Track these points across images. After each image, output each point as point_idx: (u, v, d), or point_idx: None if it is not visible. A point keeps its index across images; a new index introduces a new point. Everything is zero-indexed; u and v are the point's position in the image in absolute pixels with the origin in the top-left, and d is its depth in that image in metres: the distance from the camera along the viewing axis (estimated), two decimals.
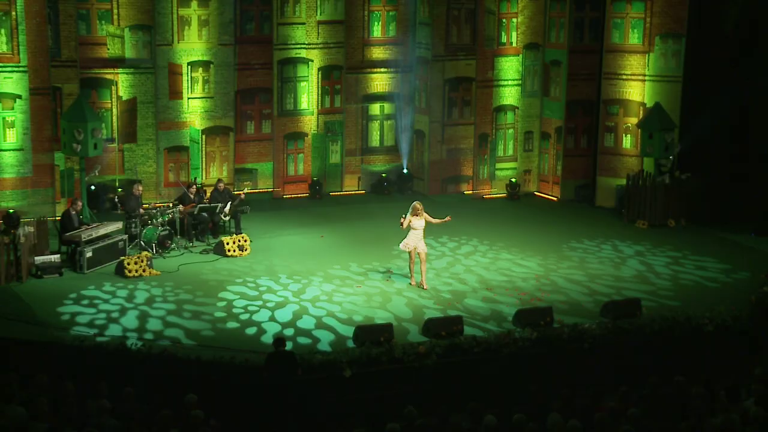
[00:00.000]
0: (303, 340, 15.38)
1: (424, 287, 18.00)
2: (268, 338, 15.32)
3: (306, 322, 16.14)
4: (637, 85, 24.43)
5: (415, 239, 17.97)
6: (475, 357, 15.18)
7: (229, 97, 24.37)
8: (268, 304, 16.97)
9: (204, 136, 24.26)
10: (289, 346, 14.87)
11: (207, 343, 15.10)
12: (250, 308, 16.77)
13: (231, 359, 14.24)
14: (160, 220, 20.21)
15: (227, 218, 21.48)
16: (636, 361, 15.79)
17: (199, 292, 17.56)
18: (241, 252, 20.08)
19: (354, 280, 18.51)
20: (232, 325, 15.99)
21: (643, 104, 24.37)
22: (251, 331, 15.77)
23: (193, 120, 24.06)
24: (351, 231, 22.18)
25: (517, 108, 26.23)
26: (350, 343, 15.20)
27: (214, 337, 15.45)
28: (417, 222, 17.90)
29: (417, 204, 18.04)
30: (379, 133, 26.38)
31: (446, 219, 18.18)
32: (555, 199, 25.96)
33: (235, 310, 16.66)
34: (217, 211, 21.17)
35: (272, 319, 16.29)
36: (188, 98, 23.97)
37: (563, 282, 18.55)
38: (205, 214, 21.05)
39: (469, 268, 19.42)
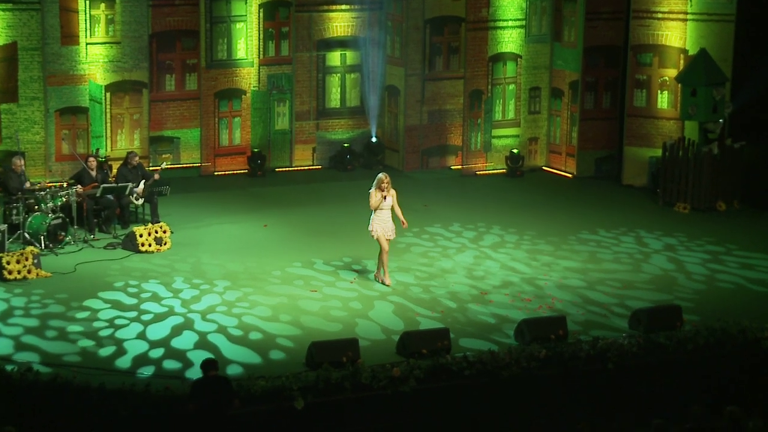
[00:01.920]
0: (170, 363, 15.38)
1: (387, 282, 18.25)
2: (125, 362, 15.35)
3: (184, 341, 16.17)
4: (677, 27, 24.49)
5: (383, 222, 18.11)
6: (466, 382, 15.17)
7: (142, 43, 24.20)
8: (144, 317, 16.98)
9: (109, 95, 24.08)
10: (148, 371, 14.88)
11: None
12: (117, 322, 16.77)
13: (146, 387, 14.18)
14: (50, 204, 20.06)
15: (140, 202, 21.38)
16: (676, 386, 15.84)
17: (74, 302, 17.49)
18: (158, 246, 19.99)
19: (302, 281, 18.55)
20: (84, 343, 15.97)
21: (685, 51, 24.44)
22: (107, 351, 15.75)
23: (93, 73, 23.87)
24: (303, 219, 22.14)
25: (520, 57, 26.25)
26: (234, 369, 15.15)
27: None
28: (385, 201, 18.02)
29: (383, 176, 18.14)
30: (339, 90, 26.31)
31: (403, 222, 18.31)
32: (569, 175, 26.00)
33: (96, 324, 16.64)
34: (127, 192, 21.05)
35: (141, 336, 16.29)
36: (87, 44, 23.77)
37: (551, 288, 18.54)
38: (110, 196, 20.92)
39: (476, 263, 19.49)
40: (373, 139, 26.22)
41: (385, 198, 18.07)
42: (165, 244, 20.10)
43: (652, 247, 20.79)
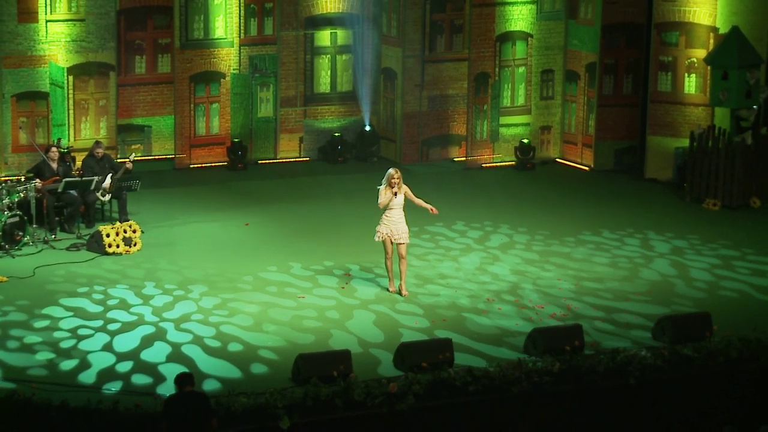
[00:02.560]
0: (139, 378, 15.36)
1: (404, 294, 18.18)
2: (89, 376, 15.33)
3: (155, 353, 16.14)
4: (706, 2, 24.48)
5: (391, 223, 18.00)
6: (471, 398, 15.17)
7: (109, 20, 24.17)
8: (111, 326, 16.95)
9: (71, 78, 24.06)
10: (115, 386, 14.86)
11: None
12: (81, 332, 16.74)
13: (113, 405, 14.16)
14: (6, 201, 20.04)
15: (107, 198, 21.35)
16: (705, 404, 15.86)
17: (36, 310, 17.46)
18: (127, 248, 19.97)
19: (275, 287, 18.56)
20: (43, 356, 15.95)
21: (715, 29, 24.44)
22: (68, 365, 15.72)
23: (54, 54, 23.84)
24: (288, 217, 22.16)
25: (531, 36, 26.24)
26: (211, 384, 15.13)
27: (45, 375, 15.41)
28: (395, 198, 17.95)
29: (393, 171, 18.06)
30: (329, 73, 26.29)
31: (431, 209, 18.24)
32: (586, 168, 26.01)
33: (57, 335, 16.61)
34: (92, 187, 21.03)
35: (108, 347, 16.27)
36: (47, 21, 23.74)
37: (566, 293, 18.54)
38: (73, 192, 20.91)
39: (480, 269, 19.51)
40: (367, 128, 26.20)
41: (395, 195, 17.98)
42: (134, 245, 20.06)
43: (657, 250, 20.63)
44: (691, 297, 18.61)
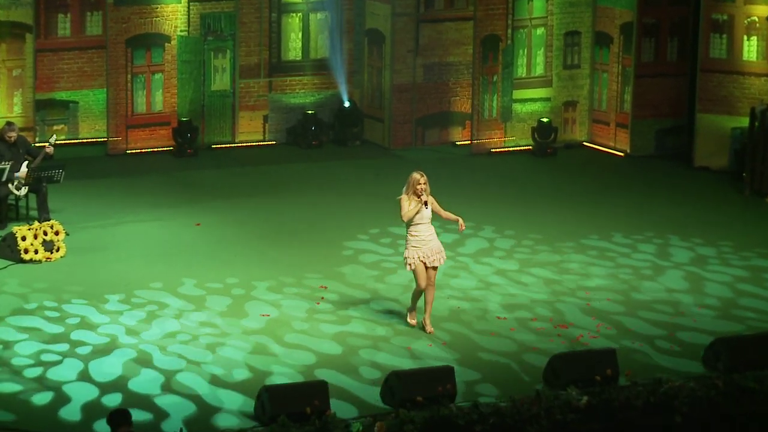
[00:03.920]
0: (138, 414, 15.20)
1: (428, 330, 17.92)
2: (72, 413, 15.31)
3: (145, 382, 16.13)
4: None
5: (423, 244, 17.50)
6: None
7: None
8: (80, 350, 16.95)
9: None
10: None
11: None
12: (45, 357, 16.71)
13: None
14: None
15: (22, 192, 21.34)
16: None
17: None
18: (48, 254, 19.95)
19: (250, 303, 18.59)
20: (9, 388, 15.91)
21: None
22: (42, 399, 15.70)
23: None
24: (249, 215, 22.25)
25: None
26: (225, 420, 15.14)
27: None
28: (424, 210, 17.47)
29: (417, 176, 17.45)
30: (300, 36, 26.32)
31: (460, 225, 17.95)
32: (620, 154, 26.06)
33: (16, 361, 16.58)
34: (3, 179, 21.02)
35: (84, 376, 16.25)
36: None
37: (549, 309, 18.65)
38: None
39: (484, 280, 19.65)
40: (346, 104, 26.21)
41: (426, 206, 17.50)
42: (57, 250, 20.04)
43: (675, 259, 20.63)
44: (693, 314, 18.63)
